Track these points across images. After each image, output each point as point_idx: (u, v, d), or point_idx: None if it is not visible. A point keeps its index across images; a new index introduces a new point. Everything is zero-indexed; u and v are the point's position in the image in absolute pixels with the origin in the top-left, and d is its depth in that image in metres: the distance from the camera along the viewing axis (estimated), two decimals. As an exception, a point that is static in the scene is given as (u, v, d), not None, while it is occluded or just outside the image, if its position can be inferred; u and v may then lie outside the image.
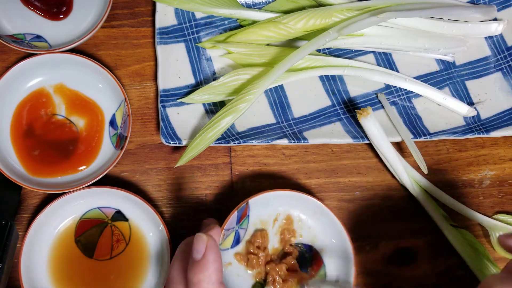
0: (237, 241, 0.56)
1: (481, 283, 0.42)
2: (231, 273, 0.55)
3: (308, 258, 0.57)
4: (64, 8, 0.62)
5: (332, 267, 0.56)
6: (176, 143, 0.58)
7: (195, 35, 0.63)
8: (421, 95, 0.63)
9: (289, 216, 0.57)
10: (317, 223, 0.57)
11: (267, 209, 0.57)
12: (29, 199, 0.59)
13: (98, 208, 0.58)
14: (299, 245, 0.57)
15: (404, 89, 0.63)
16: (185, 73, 0.62)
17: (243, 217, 0.56)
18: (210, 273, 0.44)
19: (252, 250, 0.55)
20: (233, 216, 0.54)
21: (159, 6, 0.62)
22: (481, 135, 0.62)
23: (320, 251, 0.57)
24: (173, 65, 0.61)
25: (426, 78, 0.64)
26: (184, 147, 0.58)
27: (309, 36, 0.61)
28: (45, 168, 0.58)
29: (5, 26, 0.61)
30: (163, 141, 0.58)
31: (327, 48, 0.64)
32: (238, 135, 0.59)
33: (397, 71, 0.64)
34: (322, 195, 0.61)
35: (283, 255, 0.56)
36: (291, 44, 0.64)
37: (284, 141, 0.59)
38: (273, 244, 0.57)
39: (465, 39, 0.64)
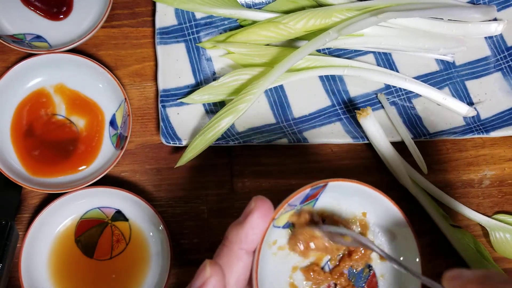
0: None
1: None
2: (271, 252, 0.43)
3: (361, 278, 0.46)
4: (64, 8, 0.62)
5: None
6: (176, 143, 0.58)
7: (195, 35, 0.63)
8: (421, 95, 0.63)
9: (366, 223, 0.46)
10: (388, 240, 0.46)
11: (341, 203, 0.45)
12: (29, 199, 0.59)
13: (98, 208, 0.58)
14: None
15: (404, 89, 0.63)
16: (185, 73, 0.62)
17: (312, 197, 0.44)
18: None
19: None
20: (304, 193, 0.42)
21: (159, 6, 0.63)
22: (481, 135, 0.62)
23: (379, 276, 0.46)
24: (173, 65, 0.61)
25: (426, 78, 0.64)
26: (184, 147, 0.58)
27: (309, 36, 0.61)
28: (45, 168, 0.58)
29: (5, 26, 0.62)
30: (163, 141, 0.58)
31: (327, 48, 0.64)
32: (238, 135, 0.59)
33: (397, 71, 0.64)
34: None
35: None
36: (291, 44, 0.64)
37: (284, 141, 0.59)
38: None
39: (465, 39, 0.64)
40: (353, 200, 0.45)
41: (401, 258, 0.45)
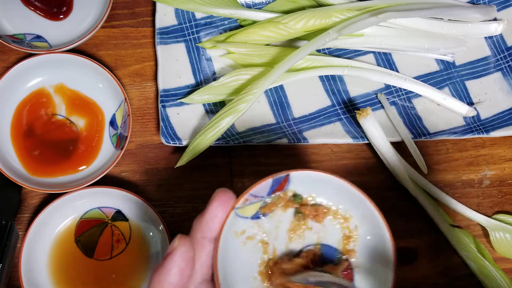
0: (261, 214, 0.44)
1: None
2: (239, 241, 0.44)
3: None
4: (64, 8, 0.63)
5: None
6: (176, 143, 0.58)
7: (195, 35, 0.63)
8: (421, 95, 0.63)
9: (348, 217, 0.46)
10: (363, 233, 0.46)
11: (311, 194, 0.45)
12: (29, 199, 0.59)
13: (98, 208, 0.58)
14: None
15: (404, 89, 0.63)
16: (185, 73, 0.62)
17: (278, 189, 0.44)
18: (168, 277, 0.37)
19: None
20: (266, 183, 0.43)
21: (159, 6, 0.63)
22: (481, 135, 0.62)
23: (354, 267, 0.45)
24: (173, 65, 0.61)
25: (426, 78, 0.64)
26: (184, 147, 0.58)
27: (309, 36, 0.61)
28: (45, 168, 0.58)
29: (5, 26, 0.62)
30: (163, 141, 0.58)
31: (327, 48, 0.64)
32: (238, 135, 0.59)
33: (397, 71, 0.64)
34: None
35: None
36: (291, 44, 0.64)
37: (284, 141, 0.59)
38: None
39: (465, 39, 0.64)
40: (323, 191, 0.45)
41: (368, 238, 0.46)
